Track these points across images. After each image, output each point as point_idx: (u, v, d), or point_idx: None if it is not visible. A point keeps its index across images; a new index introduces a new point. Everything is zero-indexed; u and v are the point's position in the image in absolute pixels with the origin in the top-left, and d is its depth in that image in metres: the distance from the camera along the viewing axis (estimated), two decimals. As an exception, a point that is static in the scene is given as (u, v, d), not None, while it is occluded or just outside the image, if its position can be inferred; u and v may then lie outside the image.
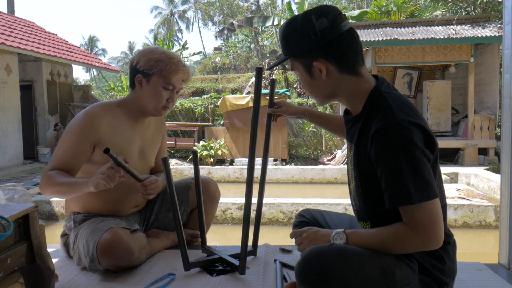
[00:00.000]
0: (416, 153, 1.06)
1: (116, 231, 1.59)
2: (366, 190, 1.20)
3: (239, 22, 16.70)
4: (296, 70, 1.25)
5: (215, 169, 8.45)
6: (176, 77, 1.72)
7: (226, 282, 1.56)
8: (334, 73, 1.18)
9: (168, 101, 1.75)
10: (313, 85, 1.23)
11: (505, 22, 1.86)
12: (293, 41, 1.20)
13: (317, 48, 1.16)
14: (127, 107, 1.78)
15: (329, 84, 1.20)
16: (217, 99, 11.08)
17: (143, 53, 1.74)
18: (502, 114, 1.92)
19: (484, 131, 8.08)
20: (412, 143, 1.06)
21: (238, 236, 1.58)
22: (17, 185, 1.89)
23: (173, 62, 1.71)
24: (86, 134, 1.65)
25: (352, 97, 1.22)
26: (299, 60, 1.21)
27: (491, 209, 4.98)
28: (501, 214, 1.88)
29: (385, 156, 1.08)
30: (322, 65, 1.17)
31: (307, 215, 1.61)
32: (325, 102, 1.29)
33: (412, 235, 1.07)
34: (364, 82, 1.20)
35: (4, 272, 1.15)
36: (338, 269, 1.05)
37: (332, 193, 7.41)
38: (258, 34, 25.28)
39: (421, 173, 1.05)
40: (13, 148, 8.73)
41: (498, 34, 7.60)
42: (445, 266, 1.18)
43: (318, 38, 1.15)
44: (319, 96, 1.27)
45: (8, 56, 8.58)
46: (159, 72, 1.69)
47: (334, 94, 1.23)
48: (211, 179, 2.05)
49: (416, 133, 1.07)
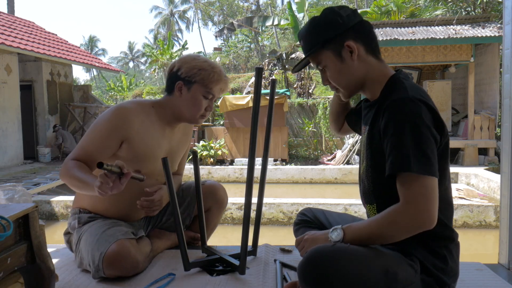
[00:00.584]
0: (422, 128, 1.09)
1: (124, 243, 1.55)
2: (375, 171, 1.22)
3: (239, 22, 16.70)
4: (323, 62, 1.28)
5: (215, 169, 8.45)
6: (218, 86, 1.72)
7: (226, 282, 1.56)
8: (363, 54, 1.25)
9: (206, 110, 1.74)
10: (343, 71, 1.26)
11: (505, 22, 1.86)
12: (322, 29, 1.25)
13: (346, 30, 1.23)
14: (162, 110, 1.74)
15: (360, 66, 1.25)
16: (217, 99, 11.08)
17: (185, 60, 1.71)
18: (502, 114, 1.92)
19: (484, 131, 8.09)
20: (419, 118, 1.10)
21: (238, 236, 1.58)
22: (17, 185, 1.88)
23: (216, 71, 1.70)
24: (116, 128, 1.62)
25: (374, 83, 1.27)
26: (328, 47, 1.25)
27: (491, 209, 4.98)
28: (501, 214, 1.88)
29: (393, 126, 1.11)
30: (354, 45, 1.23)
31: (308, 214, 1.61)
32: (353, 92, 1.31)
33: (404, 210, 1.07)
34: (384, 67, 1.28)
35: (4, 272, 1.15)
36: (340, 269, 1.05)
37: (332, 193, 7.41)
38: (258, 34, 25.28)
39: (423, 148, 1.08)
40: (13, 148, 8.73)
41: (498, 34, 7.60)
42: (447, 267, 1.19)
43: (345, 22, 1.23)
44: (348, 84, 1.29)
45: (8, 56, 8.58)
46: (202, 81, 1.68)
47: (362, 80, 1.27)
48: (220, 184, 2.03)
49: (425, 111, 1.11)
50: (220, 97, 10.09)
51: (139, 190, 1.70)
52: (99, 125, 1.63)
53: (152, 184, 1.75)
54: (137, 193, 1.70)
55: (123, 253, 1.54)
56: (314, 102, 10.54)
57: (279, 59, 14.00)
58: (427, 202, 1.06)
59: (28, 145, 9.42)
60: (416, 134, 1.08)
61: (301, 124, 10.21)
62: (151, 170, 1.71)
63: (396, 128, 1.11)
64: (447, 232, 1.20)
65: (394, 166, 1.10)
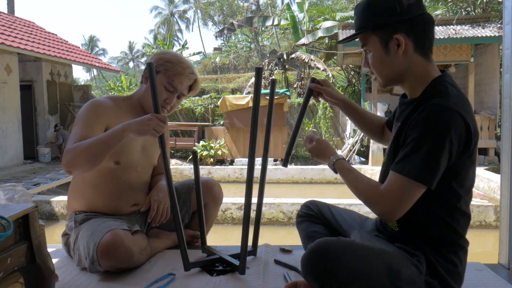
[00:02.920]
0: (446, 142, 1.08)
1: (117, 232, 1.58)
2: None
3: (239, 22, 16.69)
4: (369, 46, 1.24)
5: (215, 169, 8.45)
6: (179, 80, 1.74)
7: (226, 282, 1.56)
8: (410, 51, 1.19)
9: (166, 102, 1.76)
10: (385, 62, 1.22)
11: (505, 22, 1.86)
12: (377, 12, 1.19)
13: (401, 22, 1.17)
14: (132, 102, 1.82)
15: (402, 62, 1.20)
16: (217, 99, 11.08)
17: (158, 52, 1.80)
18: (502, 114, 1.92)
19: (484, 131, 8.08)
20: (449, 130, 1.08)
21: (238, 236, 1.58)
22: (17, 185, 1.88)
23: (181, 65, 1.75)
24: (98, 116, 1.68)
25: (416, 81, 1.22)
26: (377, 32, 1.20)
27: (491, 209, 4.98)
28: (501, 214, 1.88)
29: (420, 130, 1.10)
30: (403, 40, 1.17)
31: (313, 207, 1.60)
32: (390, 83, 1.27)
33: (379, 194, 1.14)
34: (431, 67, 1.22)
35: (4, 272, 1.15)
36: (344, 262, 1.06)
37: (332, 193, 7.41)
38: (258, 34, 25.29)
39: (435, 159, 1.08)
40: (13, 148, 8.73)
41: (498, 34, 7.60)
42: (456, 271, 1.20)
43: (404, 12, 1.16)
44: (387, 75, 1.25)
45: (8, 56, 8.58)
46: (164, 71, 1.73)
47: (402, 75, 1.23)
48: (214, 180, 2.05)
49: (458, 124, 1.09)
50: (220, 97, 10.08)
51: (125, 182, 1.77)
52: (82, 117, 1.67)
53: (132, 176, 1.80)
54: (124, 185, 1.77)
55: (116, 242, 1.55)
56: (314, 102, 10.53)
57: (279, 59, 14.00)
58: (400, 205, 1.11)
59: (28, 145, 9.42)
60: (436, 146, 1.08)
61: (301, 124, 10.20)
62: (129, 161, 1.77)
63: (422, 133, 1.09)
64: (461, 241, 1.21)
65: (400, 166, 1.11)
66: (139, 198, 1.86)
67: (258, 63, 21.11)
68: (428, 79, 1.20)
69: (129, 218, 1.83)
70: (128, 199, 1.82)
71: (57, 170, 7.87)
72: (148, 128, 1.50)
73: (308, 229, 1.57)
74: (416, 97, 1.21)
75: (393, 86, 1.29)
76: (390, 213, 1.12)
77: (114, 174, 1.74)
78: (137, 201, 1.87)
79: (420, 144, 1.09)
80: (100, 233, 1.58)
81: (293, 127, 1.63)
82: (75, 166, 1.55)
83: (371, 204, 1.16)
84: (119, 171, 1.75)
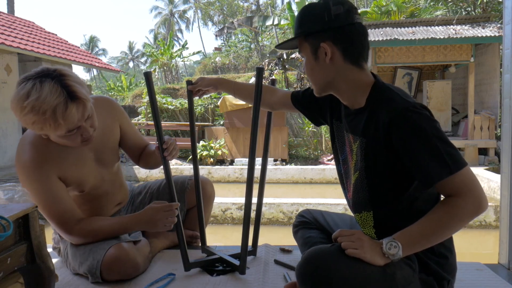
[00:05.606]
0: (440, 129, 1.10)
1: (121, 247, 1.52)
2: (372, 180, 1.20)
3: (239, 22, 16.69)
4: (303, 52, 1.27)
5: (215, 169, 8.45)
6: (62, 127, 1.37)
7: (226, 282, 1.56)
8: (338, 60, 1.20)
9: (83, 136, 1.46)
10: (315, 69, 1.25)
11: (505, 22, 1.86)
12: (306, 20, 1.23)
13: (327, 30, 1.19)
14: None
15: (331, 70, 1.22)
16: (217, 99, 11.07)
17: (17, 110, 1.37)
18: (502, 114, 1.92)
19: (484, 131, 8.09)
20: (432, 122, 1.10)
21: (238, 236, 1.58)
22: (17, 185, 1.88)
23: (46, 118, 1.33)
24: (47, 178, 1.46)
25: (354, 90, 1.23)
26: (308, 40, 1.23)
27: (491, 209, 4.98)
28: (501, 214, 1.88)
29: (415, 139, 1.09)
30: (328, 48, 1.19)
31: (307, 215, 1.61)
32: (322, 91, 1.29)
33: (463, 202, 1.07)
34: (365, 75, 1.23)
35: (4, 272, 1.15)
36: (339, 269, 1.05)
37: (332, 193, 7.40)
38: (258, 34, 25.28)
39: (451, 145, 1.09)
40: (13, 148, 8.73)
41: (498, 34, 7.60)
42: (447, 262, 1.20)
43: (331, 21, 1.19)
44: (318, 82, 1.27)
45: (8, 56, 8.58)
46: (43, 131, 1.40)
47: (333, 83, 1.24)
48: (206, 178, 2.02)
49: (429, 115, 1.12)
50: (220, 97, 10.09)
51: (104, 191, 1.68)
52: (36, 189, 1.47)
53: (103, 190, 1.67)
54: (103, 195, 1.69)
55: (122, 257, 1.51)
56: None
57: (279, 59, 13.99)
58: (478, 187, 1.09)
59: (28, 145, 9.41)
60: (440, 136, 1.09)
61: (301, 124, 10.20)
62: (92, 184, 1.64)
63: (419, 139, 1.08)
64: None
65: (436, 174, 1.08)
66: (119, 197, 1.81)
67: (258, 63, 21.11)
68: (366, 87, 1.22)
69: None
70: (109, 204, 1.75)
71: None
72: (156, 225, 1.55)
73: (304, 235, 1.57)
74: (362, 106, 1.22)
75: (327, 94, 1.30)
76: (486, 201, 1.10)
77: (85, 198, 1.65)
78: (119, 201, 1.82)
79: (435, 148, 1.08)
80: (101, 249, 1.52)
81: (293, 127, 1.62)
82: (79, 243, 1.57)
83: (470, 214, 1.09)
84: (88, 195, 1.65)
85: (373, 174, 1.20)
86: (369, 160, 1.19)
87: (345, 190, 1.35)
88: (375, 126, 1.16)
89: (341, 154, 1.35)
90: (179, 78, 23.28)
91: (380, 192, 1.20)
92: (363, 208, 1.26)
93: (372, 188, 1.21)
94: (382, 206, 1.21)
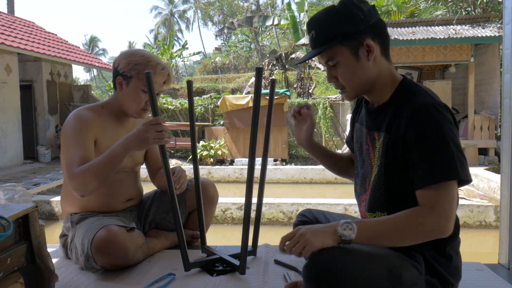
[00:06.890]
0: (455, 132, 1.10)
1: (111, 228, 1.58)
2: (390, 178, 1.19)
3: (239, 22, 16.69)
4: (336, 58, 1.20)
5: (215, 169, 8.45)
6: (154, 79, 1.69)
7: (226, 282, 1.56)
8: (378, 55, 1.20)
9: (147, 104, 1.74)
10: (356, 71, 1.20)
11: (505, 22, 1.86)
12: (341, 23, 1.17)
13: (367, 27, 1.17)
14: (111, 108, 1.79)
15: (374, 67, 1.20)
16: (217, 99, 11.07)
17: (123, 55, 1.74)
18: (502, 114, 1.92)
19: (484, 131, 8.09)
20: (451, 125, 1.10)
21: (238, 236, 1.58)
22: (17, 185, 1.89)
23: (151, 65, 1.70)
24: (86, 128, 1.66)
25: (386, 85, 1.22)
26: (346, 42, 1.18)
27: (491, 209, 4.98)
28: (501, 214, 1.88)
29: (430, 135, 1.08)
30: (373, 44, 1.17)
31: (308, 215, 1.60)
32: (360, 93, 1.26)
33: (428, 214, 1.06)
34: (394, 70, 1.24)
35: (4, 272, 1.15)
36: (345, 269, 1.05)
37: (332, 193, 7.41)
38: (258, 34, 25.29)
39: (463, 153, 1.09)
40: (13, 148, 8.73)
41: (498, 34, 7.60)
42: (452, 265, 1.19)
43: (367, 17, 1.17)
44: (360, 84, 1.22)
45: (8, 56, 8.58)
46: (137, 75, 1.70)
47: (373, 81, 1.21)
48: (209, 180, 2.04)
49: (451, 118, 1.12)
50: (220, 97, 10.08)
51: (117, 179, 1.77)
52: (72, 136, 1.64)
53: (121, 175, 1.79)
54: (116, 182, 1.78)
55: (110, 237, 1.55)
56: (314, 102, 10.54)
57: (279, 59, 14.00)
58: (452, 209, 1.07)
59: (28, 145, 9.41)
60: (456, 142, 1.08)
61: (301, 124, 10.19)
62: None
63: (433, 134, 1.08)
64: (455, 229, 1.17)
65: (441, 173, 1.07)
66: (132, 192, 1.88)
67: (258, 63, 21.12)
68: (394, 82, 1.22)
69: (125, 215, 1.84)
70: (121, 195, 1.83)
71: (57, 170, 7.87)
72: (147, 140, 1.50)
73: None
74: (387, 100, 1.22)
75: (361, 96, 1.28)
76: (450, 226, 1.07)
77: None
78: (131, 196, 1.88)
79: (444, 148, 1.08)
80: (94, 230, 1.59)
81: (293, 127, 1.60)
82: (87, 191, 1.57)
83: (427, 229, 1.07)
84: None
85: (391, 172, 1.19)
86: (389, 156, 1.18)
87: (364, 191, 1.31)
88: (398, 122, 1.15)
89: (360, 156, 1.33)
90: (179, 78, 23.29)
91: (395, 191, 1.19)
92: (378, 208, 1.24)
93: (388, 187, 1.20)
94: (396, 207, 1.17)
